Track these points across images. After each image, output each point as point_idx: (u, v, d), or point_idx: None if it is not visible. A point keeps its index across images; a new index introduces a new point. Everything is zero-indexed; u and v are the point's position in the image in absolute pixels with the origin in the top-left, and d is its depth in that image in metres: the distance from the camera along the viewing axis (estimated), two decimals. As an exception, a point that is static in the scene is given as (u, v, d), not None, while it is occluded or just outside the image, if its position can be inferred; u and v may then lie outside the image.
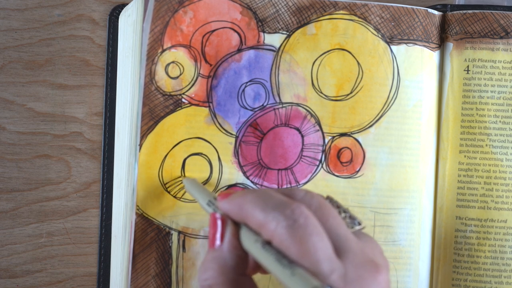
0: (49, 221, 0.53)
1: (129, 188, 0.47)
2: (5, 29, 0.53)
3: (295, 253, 0.34)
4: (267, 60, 0.48)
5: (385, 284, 0.35)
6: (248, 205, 0.37)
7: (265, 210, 0.36)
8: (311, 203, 0.37)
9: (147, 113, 0.46)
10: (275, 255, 0.35)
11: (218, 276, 0.37)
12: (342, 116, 0.49)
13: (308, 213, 0.35)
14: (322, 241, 0.35)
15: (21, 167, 0.52)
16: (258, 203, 0.36)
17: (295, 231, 0.34)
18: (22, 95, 0.53)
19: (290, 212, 0.35)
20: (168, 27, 0.46)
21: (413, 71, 0.50)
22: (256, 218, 0.36)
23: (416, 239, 0.51)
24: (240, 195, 0.38)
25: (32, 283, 0.52)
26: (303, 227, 0.35)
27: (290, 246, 0.34)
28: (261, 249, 0.36)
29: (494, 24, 0.51)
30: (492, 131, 0.51)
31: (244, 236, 0.37)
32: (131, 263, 0.46)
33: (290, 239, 0.34)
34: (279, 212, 0.35)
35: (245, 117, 0.48)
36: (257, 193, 0.37)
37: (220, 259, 0.37)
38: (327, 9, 0.49)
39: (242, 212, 0.37)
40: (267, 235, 0.36)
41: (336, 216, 0.37)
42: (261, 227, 0.36)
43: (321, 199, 0.38)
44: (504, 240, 0.51)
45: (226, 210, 0.39)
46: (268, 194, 0.37)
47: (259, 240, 0.36)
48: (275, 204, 0.36)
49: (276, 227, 0.35)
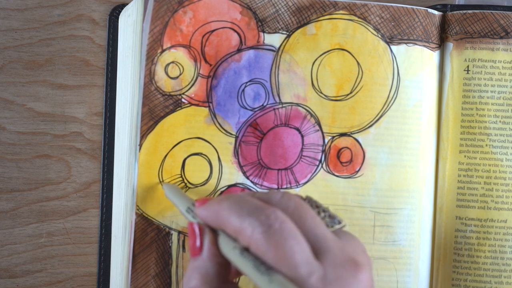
0: (49, 221, 0.53)
1: (129, 188, 0.47)
2: (5, 29, 0.53)
3: (272, 258, 0.34)
4: (267, 60, 0.48)
5: (366, 283, 0.35)
6: (224, 212, 0.37)
7: (240, 216, 0.36)
8: (288, 206, 0.37)
9: (147, 113, 0.46)
10: (253, 261, 0.35)
11: (201, 285, 0.37)
12: (342, 116, 0.49)
13: (283, 217, 0.35)
14: (299, 244, 0.34)
15: (21, 167, 0.53)
16: (233, 209, 0.36)
17: (270, 236, 0.34)
18: (22, 95, 0.53)
19: (265, 217, 0.35)
20: (167, 27, 0.46)
21: (413, 71, 0.50)
22: (233, 225, 0.36)
23: (416, 239, 0.51)
24: (217, 202, 0.38)
25: (32, 283, 0.52)
26: (279, 232, 0.34)
27: (267, 252, 0.34)
28: (239, 256, 0.35)
29: (494, 24, 0.51)
30: (492, 131, 0.51)
31: (222, 243, 0.37)
32: (131, 263, 0.46)
33: (267, 245, 0.34)
34: (255, 218, 0.35)
35: (245, 117, 0.48)
36: (233, 199, 0.37)
37: (202, 268, 0.37)
38: (327, 9, 0.49)
39: (218, 219, 0.37)
40: (244, 241, 0.35)
41: (314, 216, 0.37)
42: (237, 233, 0.36)
43: (298, 201, 0.37)
44: (504, 240, 0.51)
45: (204, 217, 0.38)
46: (243, 199, 0.37)
47: (237, 247, 0.36)
48: (250, 210, 0.36)
49: (252, 233, 0.35)
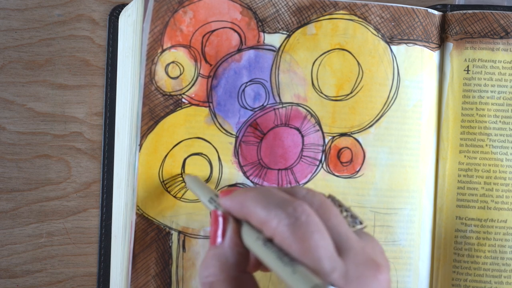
0: (49, 221, 0.53)
1: (129, 188, 0.47)
2: (5, 29, 0.53)
3: (297, 251, 0.34)
4: (267, 60, 0.48)
5: (385, 284, 0.35)
6: (250, 203, 0.37)
7: (267, 208, 0.36)
8: (313, 201, 0.37)
9: (147, 113, 0.46)
10: (277, 252, 0.35)
11: (219, 273, 0.37)
12: (342, 116, 0.49)
13: (310, 211, 0.35)
14: (324, 239, 0.35)
15: (21, 167, 0.52)
16: (260, 200, 0.36)
17: (297, 229, 0.34)
18: (22, 95, 0.53)
19: (292, 209, 0.35)
20: (167, 27, 0.46)
21: (413, 71, 0.50)
22: (258, 216, 0.36)
23: (416, 239, 0.51)
24: (242, 193, 0.38)
25: (32, 283, 0.52)
26: (305, 225, 0.35)
27: (291, 244, 0.34)
28: (263, 246, 0.35)
29: (494, 24, 0.51)
30: (492, 131, 0.51)
31: (245, 234, 0.37)
32: (131, 263, 0.46)
33: (292, 237, 0.34)
34: (281, 210, 0.35)
35: (245, 117, 0.48)
36: (259, 191, 0.37)
37: (221, 256, 0.37)
38: (327, 9, 0.49)
39: (243, 209, 0.37)
40: (268, 232, 0.36)
41: (338, 214, 0.37)
42: (263, 224, 0.36)
43: (322, 198, 0.38)
44: (504, 240, 0.51)
45: (228, 207, 0.39)
46: (270, 191, 0.37)
47: (260, 238, 0.36)
48: (277, 202, 0.36)
49: (278, 224, 0.35)
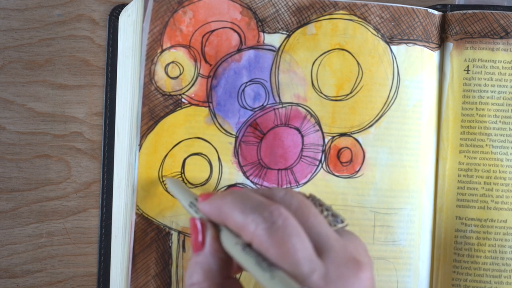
0: (49, 221, 0.53)
1: (129, 188, 0.47)
2: (5, 29, 0.53)
3: (275, 255, 0.34)
4: (267, 60, 0.48)
5: (368, 282, 0.35)
6: (227, 207, 0.37)
7: (244, 212, 0.36)
8: (291, 203, 0.37)
9: (147, 113, 0.46)
10: (255, 257, 0.35)
11: (203, 280, 0.37)
12: (342, 116, 0.49)
13: (287, 214, 0.35)
14: (302, 242, 0.34)
15: (21, 167, 0.53)
16: (237, 204, 0.36)
17: (273, 233, 0.34)
18: (22, 95, 0.53)
19: (269, 214, 0.35)
20: (167, 27, 0.46)
21: (413, 71, 0.50)
22: (236, 220, 0.36)
23: (416, 239, 0.51)
24: (220, 197, 0.38)
25: (32, 283, 0.52)
26: (282, 229, 0.34)
27: (269, 248, 0.34)
28: (241, 251, 0.35)
29: (494, 24, 0.51)
30: (492, 131, 0.51)
31: (224, 239, 0.37)
32: (131, 263, 0.46)
33: (269, 241, 0.34)
34: (258, 214, 0.35)
35: (245, 117, 0.48)
36: (236, 195, 0.37)
37: (204, 263, 0.37)
38: (327, 9, 0.49)
39: (221, 214, 0.37)
40: (247, 237, 0.35)
41: (317, 214, 0.37)
42: (240, 229, 0.36)
43: (301, 198, 0.37)
44: (504, 240, 0.51)
45: (206, 212, 0.38)
46: (247, 195, 0.37)
47: (239, 243, 0.36)
48: (253, 206, 0.36)
49: (255, 229, 0.35)
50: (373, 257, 0.49)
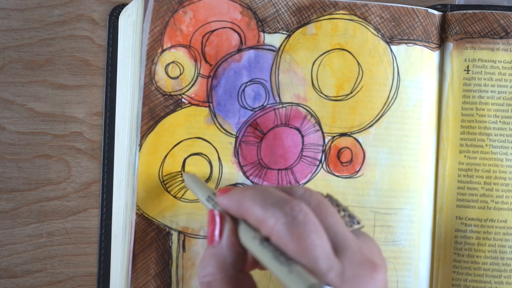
0: (49, 221, 0.53)
1: (129, 188, 0.47)
2: (5, 29, 0.53)
3: (293, 250, 0.34)
4: (267, 60, 0.48)
5: (382, 283, 0.35)
6: (247, 201, 0.37)
7: (264, 207, 0.36)
8: (310, 201, 0.37)
9: (147, 113, 0.46)
10: (273, 252, 0.35)
11: (217, 272, 0.37)
12: (342, 116, 0.49)
13: (307, 210, 0.35)
14: (321, 238, 0.35)
15: (21, 167, 0.53)
16: (257, 199, 0.36)
17: (294, 228, 0.35)
18: (22, 95, 0.53)
19: (290, 209, 0.35)
20: (167, 27, 0.46)
21: (413, 71, 0.50)
22: (255, 214, 0.36)
23: (416, 239, 0.51)
24: (240, 191, 0.38)
25: (32, 283, 0.52)
26: (302, 225, 0.35)
27: (288, 243, 0.34)
28: (259, 245, 0.35)
29: (494, 24, 0.51)
30: (492, 131, 0.51)
31: (242, 233, 0.37)
32: (131, 263, 0.46)
33: (289, 236, 0.34)
34: (279, 209, 0.35)
35: (245, 117, 0.48)
36: (256, 190, 0.37)
37: (219, 255, 0.37)
38: (327, 9, 0.49)
39: (241, 208, 0.37)
40: (265, 231, 0.36)
41: (335, 214, 0.37)
42: (260, 223, 0.36)
43: (320, 197, 0.38)
44: (504, 240, 0.51)
45: (225, 206, 0.39)
46: (267, 190, 0.37)
47: (257, 237, 0.36)
48: (274, 201, 0.36)
49: (275, 223, 0.35)
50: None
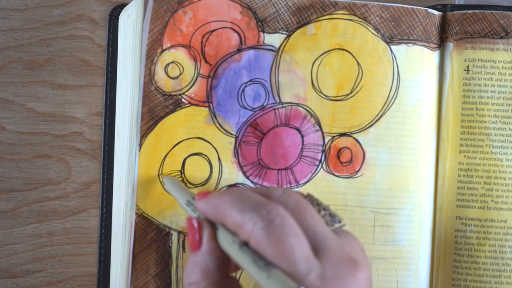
0: (49, 221, 0.53)
1: (129, 188, 0.47)
2: (5, 29, 0.53)
3: (272, 254, 0.34)
4: (267, 60, 0.48)
5: (364, 282, 0.35)
6: (225, 206, 0.37)
7: (241, 211, 0.36)
8: (288, 202, 0.37)
9: (147, 113, 0.46)
10: (252, 256, 0.35)
11: (201, 280, 0.37)
12: (342, 116, 0.49)
13: (284, 213, 0.35)
14: (299, 241, 0.35)
15: (21, 167, 0.53)
16: (235, 203, 0.36)
17: (271, 231, 0.34)
18: (22, 95, 0.53)
19: (266, 212, 0.35)
20: (167, 27, 0.46)
21: (413, 71, 0.50)
22: (233, 219, 0.36)
23: (416, 239, 0.51)
24: (217, 195, 0.38)
25: (32, 283, 0.52)
26: (280, 228, 0.35)
27: (266, 247, 0.34)
28: (238, 250, 0.35)
29: (494, 24, 0.51)
30: (492, 131, 0.51)
31: (221, 238, 0.37)
32: (131, 263, 0.46)
33: (267, 240, 0.34)
34: (256, 213, 0.35)
35: (245, 117, 0.48)
36: (234, 193, 0.37)
37: (201, 262, 0.37)
38: (327, 9, 0.49)
39: (219, 213, 0.37)
40: (244, 235, 0.35)
41: (314, 214, 0.37)
42: (238, 227, 0.36)
43: (299, 198, 0.37)
44: (504, 240, 0.51)
45: (203, 211, 0.38)
46: (245, 194, 0.37)
47: (236, 241, 0.36)
48: (251, 205, 0.36)
49: (253, 227, 0.35)
50: (373, 257, 0.49)
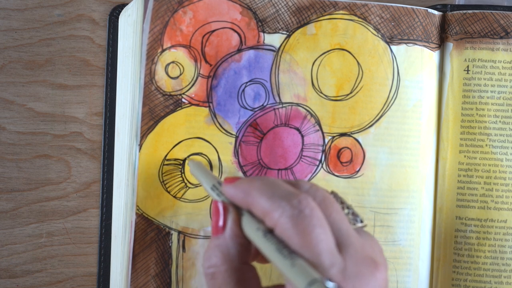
0: (49, 221, 0.53)
1: (129, 188, 0.47)
2: (5, 29, 0.53)
3: (297, 243, 0.34)
4: (267, 60, 0.48)
5: (383, 282, 0.35)
6: (254, 192, 0.37)
7: (271, 198, 0.36)
8: (316, 196, 0.37)
9: (147, 113, 0.46)
10: (276, 244, 0.35)
11: (221, 264, 0.37)
12: (342, 116, 0.49)
13: (314, 205, 0.36)
14: (325, 234, 0.35)
15: (21, 167, 0.53)
16: (265, 190, 0.36)
17: (299, 221, 0.35)
18: (22, 95, 0.53)
19: (297, 202, 0.35)
20: (167, 27, 0.46)
21: (413, 71, 0.51)
22: (262, 205, 0.36)
23: (416, 239, 0.51)
24: (247, 181, 0.38)
25: (32, 283, 0.52)
26: (308, 218, 0.35)
27: (292, 236, 0.34)
28: (263, 237, 0.36)
29: (494, 24, 0.51)
30: (492, 131, 0.51)
31: (246, 224, 0.37)
32: (131, 263, 0.46)
33: (294, 229, 0.34)
34: (286, 201, 0.35)
35: (245, 117, 0.48)
36: (264, 181, 0.37)
37: (223, 247, 0.37)
38: (327, 9, 0.49)
39: (247, 198, 0.37)
40: (270, 223, 0.36)
41: (339, 211, 0.37)
42: (265, 214, 0.36)
43: (325, 193, 0.38)
44: (504, 240, 0.51)
45: (231, 195, 0.39)
46: (275, 182, 0.37)
47: (261, 228, 0.36)
48: (282, 193, 0.36)
49: (281, 215, 0.35)
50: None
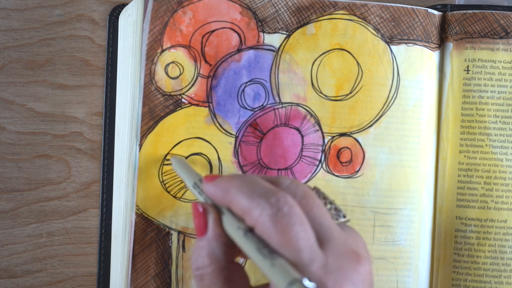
0: (49, 221, 0.53)
1: (129, 188, 0.47)
2: (5, 29, 0.53)
3: (277, 241, 0.34)
4: (266, 60, 0.48)
5: (366, 276, 0.35)
6: (233, 190, 0.37)
7: (250, 197, 0.36)
8: (296, 192, 0.37)
9: (147, 113, 0.46)
10: (256, 243, 0.35)
11: (208, 265, 0.37)
12: (341, 116, 0.49)
13: (292, 202, 0.35)
14: (305, 231, 0.35)
15: (21, 167, 0.53)
16: (244, 188, 0.36)
17: (278, 219, 0.34)
18: (22, 95, 0.53)
19: (275, 200, 0.35)
20: (167, 27, 0.46)
21: (413, 71, 0.50)
22: (241, 204, 0.36)
23: (416, 239, 0.51)
24: (226, 179, 0.38)
25: (32, 283, 0.52)
26: (287, 216, 0.35)
27: (272, 235, 0.34)
28: (243, 236, 0.35)
29: (494, 24, 0.51)
30: (492, 131, 0.51)
31: (226, 223, 0.37)
32: (131, 263, 0.46)
33: (273, 228, 0.34)
34: (264, 200, 0.35)
35: (245, 117, 0.48)
36: (243, 178, 0.37)
37: (207, 248, 0.37)
38: (326, 9, 0.49)
39: (226, 197, 0.37)
40: (250, 221, 0.36)
41: (321, 206, 0.37)
42: (245, 213, 0.36)
43: (306, 189, 0.37)
44: (504, 240, 0.51)
45: (211, 194, 0.38)
46: (254, 180, 0.37)
47: (241, 227, 0.36)
48: (261, 191, 0.36)
49: (260, 214, 0.35)
50: (373, 257, 0.49)
